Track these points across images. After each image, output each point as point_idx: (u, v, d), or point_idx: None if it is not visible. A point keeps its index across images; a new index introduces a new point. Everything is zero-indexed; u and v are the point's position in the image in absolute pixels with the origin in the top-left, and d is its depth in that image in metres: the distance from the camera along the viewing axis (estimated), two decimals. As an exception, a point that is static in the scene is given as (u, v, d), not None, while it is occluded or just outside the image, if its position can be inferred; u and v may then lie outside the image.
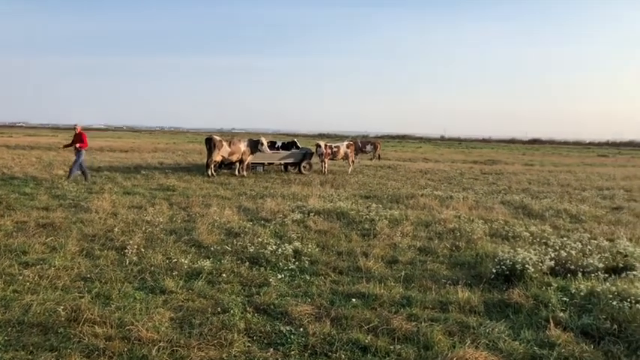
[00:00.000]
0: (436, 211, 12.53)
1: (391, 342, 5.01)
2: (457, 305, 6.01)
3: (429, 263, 7.98)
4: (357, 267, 7.54)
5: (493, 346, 4.98)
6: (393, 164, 30.24)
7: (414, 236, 9.83)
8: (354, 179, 20.68)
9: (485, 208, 13.52)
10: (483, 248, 8.76)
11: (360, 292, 6.42)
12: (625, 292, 5.91)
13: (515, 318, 5.74)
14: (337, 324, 5.42)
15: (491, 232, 10.29)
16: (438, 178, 22.58)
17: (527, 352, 4.87)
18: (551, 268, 7.26)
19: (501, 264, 7.12)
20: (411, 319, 5.59)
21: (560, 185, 20.81)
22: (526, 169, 30.60)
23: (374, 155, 33.68)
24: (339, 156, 23.89)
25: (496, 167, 31.16)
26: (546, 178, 23.93)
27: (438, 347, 4.87)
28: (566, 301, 6.08)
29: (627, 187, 20.63)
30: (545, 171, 28.86)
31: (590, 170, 30.57)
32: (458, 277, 7.14)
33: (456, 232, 10.10)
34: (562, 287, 6.57)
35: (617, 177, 25.64)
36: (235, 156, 20.47)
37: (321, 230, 9.94)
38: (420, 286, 6.77)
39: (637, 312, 5.41)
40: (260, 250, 7.94)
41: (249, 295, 6.27)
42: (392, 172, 25.17)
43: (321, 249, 8.56)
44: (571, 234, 10.17)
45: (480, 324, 5.47)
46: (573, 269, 7.20)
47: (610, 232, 10.69)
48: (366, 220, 10.96)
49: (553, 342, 5.03)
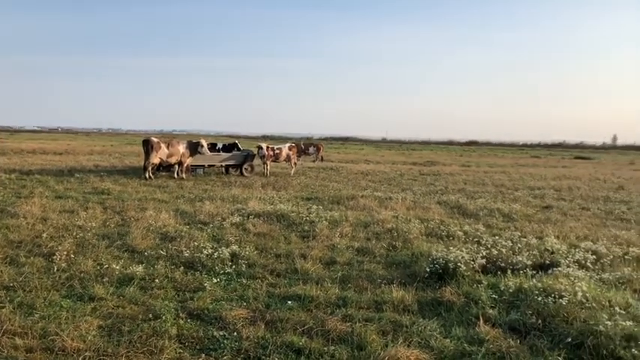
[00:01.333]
0: (375, 212, 12.69)
1: (325, 343, 5.02)
2: (391, 304, 6.10)
3: (366, 263, 8.06)
4: (295, 269, 7.52)
5: (425, 344, 5.07)
6: (335, 166, 30.42)
7: (352, 237, 9.91)
8: (296, 181, 20.67)
9: (423, 208, 13.80)
10: (419, 248, 8.93)
11: (296, 294, 6.40)
12: (550, 288, 6.14)
13: (447, 315, 5.88)
14: (272, 327, 5.39)
15: (428, 232, 10.51)
16: (379, 180, 22.88)
17: (457, 348, 4.99)
18: (483, 266, 7.48)
19: (435, 263, 7.28)
20: (346, 319, 5.62)
21: (494, 185, 21.52)
22: (463, 169, 31.49)
23: (317, 157, 33.81)
24: (281, 158, 23.82)
25: (434, 168, 31.90)
26: (481, 178, 24.70)
27: (371, 347, 4.91)
28: (495, 298, 6.27)
29: (557, 186, 21.59)
30: (481, 172, 29.79)
31: (523, 171, 31.79)
32: (393, 277, 7.24)
33: (393, 232, 10.26)
34: (492, 284, 6.77)
35: (548, 177, 26.78)
36: (174, 158, 20.05)
37: (260, 233, 9.87)
38: (356, 287, 6.82)
39: (560, 307, 5.65)
40: (196, 254, 7.79)
41: (182, 300, 6.13)
42: (334, 173, 25.32)
43: (259, 252, 8.49)
44: (503, 232, 10.52)
45: (413, 322, 5.57)
46: (504, 267, 7.45)
47: (539, 230, 11.13)
48: (306, 221, 10.97)
49: (482, 338, 5.18)
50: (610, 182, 24.66)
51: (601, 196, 18.36)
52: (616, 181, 25.02)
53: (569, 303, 5.70)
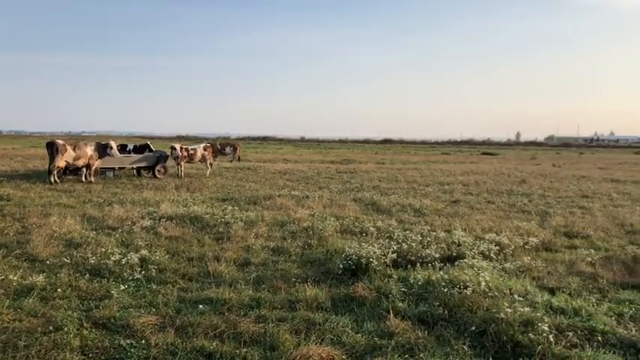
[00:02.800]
0: (292, 211, 12.70)
1: (237, 346, 4.96)
2: (305, 303, 6.12)
3: (281, 263, 8.04)
4: (208, 272, 7.37)
5: (337, 340, 5.13)
6: (253, 166, 30.19)
7: (268, 237, 9.87)
8: (211, 182, 20.30)
9: (339, 206, 13.98)
10: (334, 245, 9.03)
11: (209, 297, 6.28)
12: (456, 279, 6.40)
13: (359, 311, 5.98)
14: (182, 332, 5.24)
15: (343, 229, 10.65)
16: (296, 179, 22.95)
17: (368, 343, 5.08)
18: (394, 261, 7.68)
19: (348, 259, 7.39)
20: (259, 320, 5.58)
21: (407, 182, 22.19)
22: (378, 167, 32.25)
23: (234, 157, 33.40)
24: (196, 159, 23.32)
25: (351, 166, 32.45)
26: (395, 175, 25.39)
27: (283, 347, 4.90)
28: (405, 291, 6.45)
29: (465, 181, 22.58)
30: (395, 169, 30.64)
31: (434, 167, 33.03)
32: (308, 275, 7.27)
33: (309, 230, 10.31)
34: (403, 278, 6.96)
35: (457, 173, 27.96)
36: (81, 161, 19.10)
37: (172, 236, 9.59)
38: (270, 287, 6.78)
39: (465, 297, 5.90)
40: (102, 260, 7.44)
41: (87, 309, 5.84)
42: (251, 173, 25.12)
43: (171, 256, 8.25)
44: (414, 227, 10.85)
45: (326, 319, 5.62)
46: (413, 260, 7.69)
47: (448, 223, 11.57)
48: (221, 223, 10.79)
49: (392, 331, 5.30)
50: (513, 176, 26.10)
51: (505, 190, 19.39)
52: (519, 176, 26.52)
53: (473, 293, 5.96)
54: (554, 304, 6.08)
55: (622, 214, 13.70)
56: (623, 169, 34.78)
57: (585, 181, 24.32)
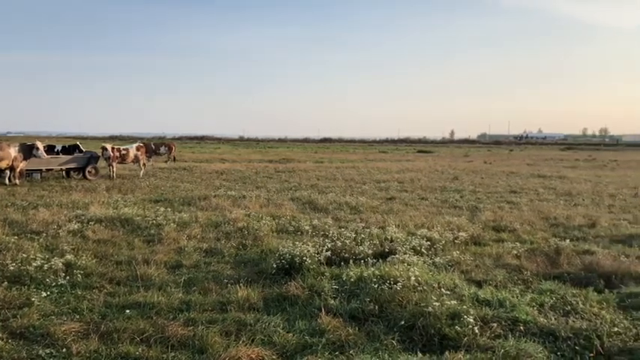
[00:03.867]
0: (227, 211, 12.53)
1: (165, 350, 4.83)
2: (237, 304, 6.04)
3: (214, 264, 7.92)
4: (137, 275, 7.15)
5: (268, 340, 5.09)
6: (189, 166, 29.61)
7: (202, 238, 9.69)
8: (145, 183, 19.76)
9: (276, 205, 13.92)
10: (269, 245, 8.98)
11: (136, 301, 6.09)
12: (387, 275, 6.49)
13: (292, 310, 5.96)
14: (107, 339, 5.05)
15: (279, 228, 10.62)
16: (234, 178, 22.70)
17: (299, 342, 5.07)
18: (328, 258, 7.70)
19: (282, 258, 7.37)
20: (189, 323, 5.46)
21: (344, 180, 22.39)
22: (316, 166, 32.39)
23: (169, 157, 32.64)
24: (128, 159, 22.63)
25: (289, 165, 32.43)
26: (333, 174, 25.58)
27: (212, 349, 4.81)
28: (337, 288, 6.49)
29: (400, 179, 23.03)
30: (333, 167, 30.87)
31: (372, 165, 33.50)
32: (240, 276, 7.19)
33: (244, 230, 10.20)
34: (336, 275, 7.00)
35: (393, 170, 28.48)
36: (4, 162, 18.14)
37: (100, 240, 9.25)
38: (201, 289, 6.65)
39: (396, 292, 5.98)
40: (23, 266, 7.06)
41: (4, 319, 5.53)
42: (187, 173, 24.64)
43: (98, 260, 7.95)
44: (349, 224, 10.94)
45: (258, 320, 5.56)
46: (347, 257, 7.75)
47: (382, 220, 11.73)
48: (153, 225, 10.50)
49: (323, 329, 5.31)
50: (447, 173, 26.85)
51: (438, 187, 19.92)
52: (452, 172, 27.31)
53: (403, 288, 6.06)
54: (480, 296, 6.27)
55: (547, 208, 14.34)
56: (549, 165, 36.48)
57: (514, 176, 25.32)
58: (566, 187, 20.12)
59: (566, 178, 24.46)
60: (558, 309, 6.02)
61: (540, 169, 30.85)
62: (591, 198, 16.95)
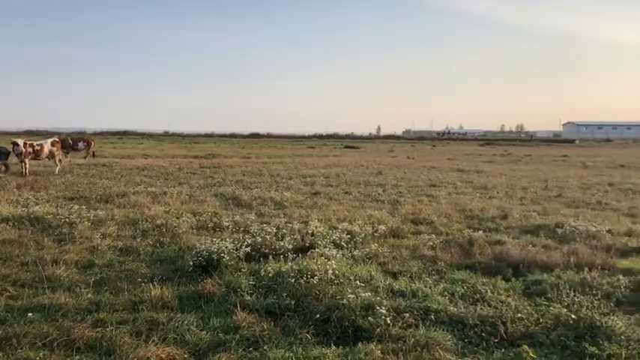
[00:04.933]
0: (146, 208, 12.16)
1: (70, 354, 4.62)
2: (149, 303, 5.87)
3: (128, 263, 7.66)
4: (44, 277, 6.79)
5: (181, 339, 4.98)
6: (109, 162, 28.49)
7: (117, 236, 9.35)
8: (60, 180, 18.81)
9: (198, 202, 13.66)
10: (187, 242, 8.79)
11: (41, 304, 5.79)
12: (305, 269, 6.51)
13: (207, 307, 5.87)
14: (6, 345, 4.77)
15: (199, 225, 10.41)
16: (156, 174, 22.05)
17: (213, 339, 4.99)
18: (247, 254, 7.64)
19: (199, 255, 7.23)
20: (97, 325, 5.25)
21: (270, 175, 22.29)
22: (243, 161, 32.07)
23: (87, 153, 31.27)
24: (43, 155, 21.46)
25: (215, 161, 31.91)
26: (259, 169, 25.42)
27: (121, 350, 4.65)
28: (255, 284, 6.45)
29: (326, 174, 23.19)
30: (260, 163, 30.68)
31: (299, 161, 33.56)
32: (155, 274, 6.99)
33: (162, 227, 9.93)
34: (254, 271, 6.95)
35: (320, 166, 28.65)
36: None
37: (6, 240, 8.72)
38: (113, 289, 6.42)
39: (312, 286, 6.02)
40: None
41: None
42: (106, 170, 23.69)
43: (2, 261, 7.50)
44: (272, 220, 10.90)
45: (171, 319, 5.43)
46: (267, 253, 7.71)
47: (306, 215, 11.78)
48: (65, 223, 10.00)
49: (238, 325, 5.26)
50: (371, 168, 27.33)
51: (362, 181, 20.23)
52: (376, 167, 27.82)
53: (320, 281, 6.10)
54: (395, 287, 6.43)
55: (464, 200, 14.89)
56: (469, 159, 37.95)
57: (435, 171, 26.14)
58: (483, 181, 20.99)
59: (483, 172, 25.51)
60: (468, 297, 6.26)
61: (460, 164, 32.00)
62: (505, 191, 17.77)
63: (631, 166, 30.98)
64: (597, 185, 19.71)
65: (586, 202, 15.21)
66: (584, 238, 9.50)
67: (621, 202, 15.26)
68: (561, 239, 9.53)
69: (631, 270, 7.44)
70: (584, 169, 29.41)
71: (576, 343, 4.96)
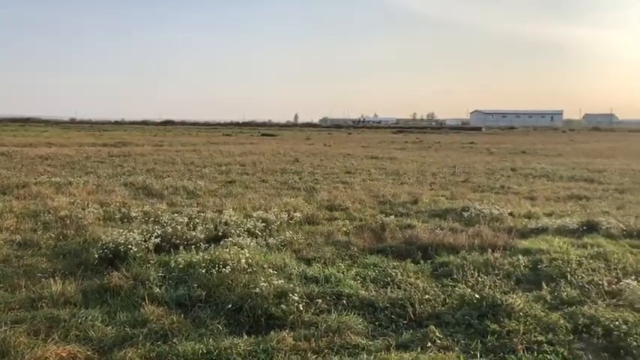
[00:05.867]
0: (49, 199, 11.47)
1: (-45, 359, 4.25)
2: (50, 299, 5.53)
3: (27, 258, 7.18)
4: None
5: (84, 335, 4.74)
6: (8, 151, 26.62)
7: (15, 230, 8.76)
8: (-51, 170, 17.36)
9: (106, 192, 13.09)
10: (93, 234, 8.37)
11: None
12: (217, 259, 6.38)
13: (113, 301, 5.62)
14: None
15: (107, 216, 9.96)
16: (61, 164, 20.88)
17: (119, 334, 4.79)
18: (157, 245, 7.38)
19: (105, 248, 6.91)
20: (-11, 325, 4.86)
21: (184, 164, 21.74)
22: (155, 149, 31.06)
23: (-18, 141, 29.05)
24: None
25: (125, 149, 30.68)
26: (172, 157, 24.70)
27: (16, 351, 4.34)
28: (165, 276, 6.25)
29: (242, 162, 22.94)
30: (173, 151, 29.84)
31: (214, 149, 32.95)
32: (57, 269, 6.60)
33: (66, 219, 9.40)
34: (164, 263, 6.73)
35: (236, 153, 28.28)
36: None
37: None
38: (9, 286, 6.00)
39: (225, 275, 5.91)
40: None
41: None
42: (5, 159, 22.16)
43: None
44: (184, 209, 10.61)
45: (73, 315, 5.14)
46: (178, 243, 7.48)
47: (220, 204, 11.58)
48: (-47, 218, 9.24)
49: (146, 319, 5.08)
50: (288, 156, 27.33)
51: (279, 169, 20.19)
52: (293, 155, 27.85)
53: (233, 271, 6.01)
54: (308, 273, 6.45)
55: (377, 187, 15.23)
56: (382, 147, 38.89)
57: (350, 158, 26.56)
58: (395, 167, 21.58)
59: (395, 159, 26.23)
60: (379, 281, 6.41)
61: (374, 151, 32.73)
62: (416, 177, 18.36)
63: (531, 152, 33.00)
64: (501, 170, 20.80)
65: (490, 186, 16.01)
66: (488, 220, 9.98)
67: (522, 186, 16.20)
68: (467, 222, 9.96)
69: (530, 250, 7.90)
70: (490, 155, 30.97)
71: (479, 322, 5.19)
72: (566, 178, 18.62)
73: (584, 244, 8.22)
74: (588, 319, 5.19)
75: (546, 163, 24.26)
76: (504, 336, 4.90)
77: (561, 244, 8.16)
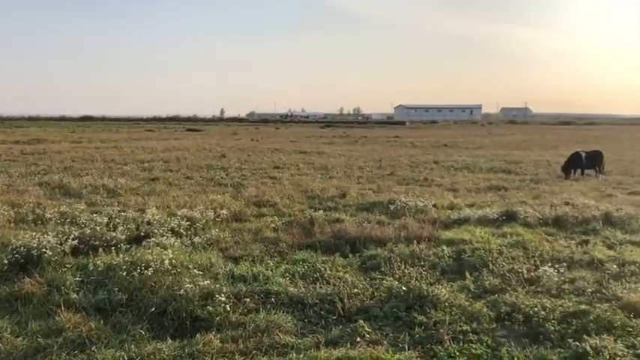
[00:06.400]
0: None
1: None
2: (-49, 312, 5.09)
3: None
4: None
5: (-9, 349, 4.37)
6: None
7: None
8: None
9: (18, 192, 12.28)
10: (2, 238, 7.78)
11: None
12: (139, 261, 6.10)
13: (25, 310, 5.25)
14: None
15: (19, 218, 9.33)
16: (-34, 163, 19.45)
17: (30, 346, 4.47)
18: (75, 248, 7.00)
19: (15, 252, 6.44)
20: None
21: (104, 161, 20.83)
22: (73, 147, 29.59)
23: None
24: None
25: (40, 147, 29.02)
26: (92, 154, 23.63)
27: None
28: (82, 280, 5.92)
29: (166, 158, 22.26)
30: (92, 148, 28.55)
31: (136, 145, 31.81)
32: (-40, 278, 6.09)
33: (-29, 224, 8.72)
34: (81, 266, 6.38)
35: (159, 150, 27.41)
36: None
37: None
38: None
39: (147, 278, 5.66)
40: None
41: None
42: None
43: None
44: (104, 209, 10.13)
45: (-22, 327, 4.75)
46: (97, 245, 7.12)
47: (143, 202, 11.15)
48: None
49: (62, 327, 4.78)
50: (214, 151, 26.81)
51: (205, 165, 19.75)
52: (219, 150, 27.36)
53: (156, 272, 5.78)
54: (236, 272, 6.32)
55: (305, 181, 15.19)
56: (310, 141, 38.94)
57: (278, 153, 26.42)
58: (324, 162, 21.66)
59: (324, 154, 26.34)
60: (308, 277, 6.37)
61: (302, 146, 32.73)
62: (344, 171, 18.50)
63: (453, 145, 34.12)
64: (424, 163, 21.36)
65: (415, 179, 16.39)
66: (414, 212, 10.18)
67: (445, 178, 16.69)
68: (393, 215, 10.11)
69: (453, 240, 8.12)
70: (414, 148, 31.75)
71: (407, 314, 5.26)
72: (485, 169, 19.38)
73: (504, 234, 8.55)
74: (510, 306, 5.38)
75: (467, 156, 25.15)
76: (431, 327, 4.98)
77: (483, 233, 8.44)
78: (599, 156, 17.80)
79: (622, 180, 16.47)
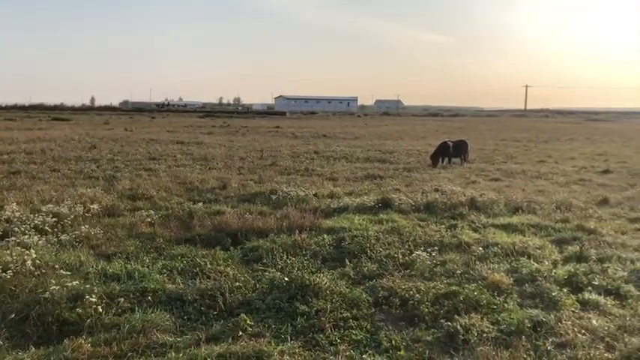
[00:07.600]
0: None
1: None
2: None
3: None
4: None
5: None
6: None
7: None
8: None
9: None
10: None
11: None
12: None
13: None
14: None
15: None
16: None
17: None
18: None
19: None
20: None
21: (-47, 153, 18.69)
22: None
23: None
24: None
25: None
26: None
27: None
28: None
29: (29, 149, 20.47)
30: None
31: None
32: None
33: None
34: None
35: (21, 140, 25.16)
36: None
37: None
38: None
39: (6, 281, 5.18)
40: None
41: None
42: None
43: None
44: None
45: None
46: (-56, 248, 6.35)
47: (2, 198, 10.15)
48: None
49: None
50: (84, 142, 25.12)
51: (73, 157, 18.44)
52: (90, 141, 25.67)
53: (16, 275, 5.29)
54: (108, 271, 5.95)
55: (184, 173, 14.75)
56: (189, 131, 37.85)
57: (154, 143, 25.35)
58: (203, 152, 21.15)
59: (203, 144, 25.72)
60: (188, 272, 6.16)
61: (180, 136, 31.71)
62: (224, 162, 18.19)
63: (332, 136, 34.88)
64: (305, 153, 21.61)
65: (296, 169, 16.53)
66: (295, 202, 10.26)
67: (324, 167, 17.01)
68: (275, 205, 10.11)
69: (333, 228, 8.29)
70: (294, 139, 32.02)
71: (289, 304, 5.26)
72: (362, 159, 20.03)
73: (381, 220, 8.88)
74: (387, 291, 5.58)
75: (345, 146, 25.84)
76: (313, 316, 5.03)
77: (361, 221, 8.71)
78: (464, 145, 19.19)
79: (484, 167, 17.86)
